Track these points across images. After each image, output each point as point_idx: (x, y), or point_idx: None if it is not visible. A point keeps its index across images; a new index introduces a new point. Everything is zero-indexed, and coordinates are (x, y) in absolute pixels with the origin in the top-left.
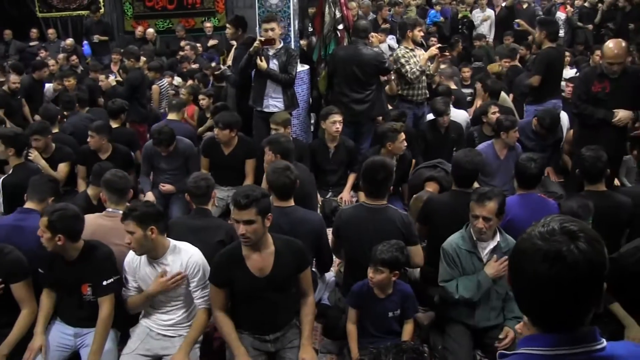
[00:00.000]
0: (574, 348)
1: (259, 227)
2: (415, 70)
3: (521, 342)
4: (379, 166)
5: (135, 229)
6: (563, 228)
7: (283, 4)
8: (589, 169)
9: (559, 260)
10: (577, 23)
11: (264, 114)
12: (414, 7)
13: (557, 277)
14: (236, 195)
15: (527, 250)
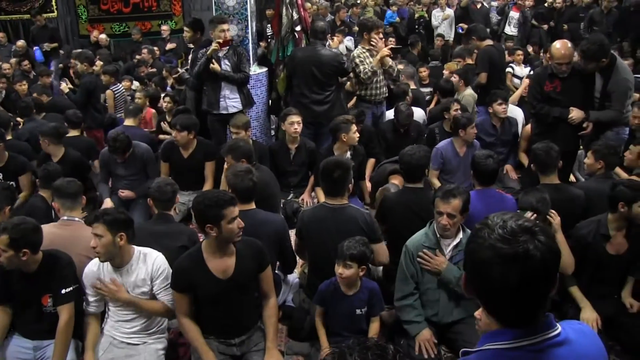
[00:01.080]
0: (534, 338)
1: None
2: (368, 70)
3: (484, 339)
4: (335, 165)
5: (104, 233)
6: (521, 226)
7: (240, 6)
8: (543, 160)
9: (529, 260)
10: (533, 22)
11: (221, 116)
12: (372, 8)
13: (527, 277)
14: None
15: (492, 257)
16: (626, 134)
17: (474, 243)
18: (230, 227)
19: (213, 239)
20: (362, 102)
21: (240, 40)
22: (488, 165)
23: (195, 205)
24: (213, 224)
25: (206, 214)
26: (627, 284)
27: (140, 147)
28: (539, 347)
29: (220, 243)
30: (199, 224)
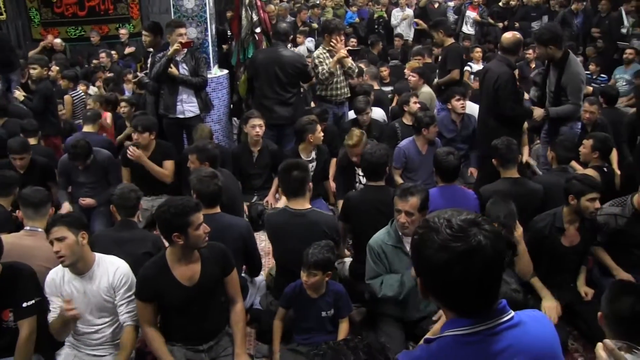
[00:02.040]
0: (490, 322)
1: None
2: (326, 71)
3: (443, 327)
4: (293, 165)
5: (66, 234)
6: (466, 221)
7: (199, 9)
8: (504, 154)
9: (482, 250)
10: (489, 20)
11: (178, 121)
12: (330, 8)
13: (485, 267)
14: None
15: (449, 258)
16: (579, 128)
17: (423, 250)
18: (197, 234)
19: (179, 246)
20: (323, 102)
21: (199, 42)
22: (450, 162)
23: (161, 215)
24: (180, 232)
25: (172, 222)
26: (581, 273)
27: (101, 153)
28: (494, 330)
29: (185, 250)
30: (165, 233)
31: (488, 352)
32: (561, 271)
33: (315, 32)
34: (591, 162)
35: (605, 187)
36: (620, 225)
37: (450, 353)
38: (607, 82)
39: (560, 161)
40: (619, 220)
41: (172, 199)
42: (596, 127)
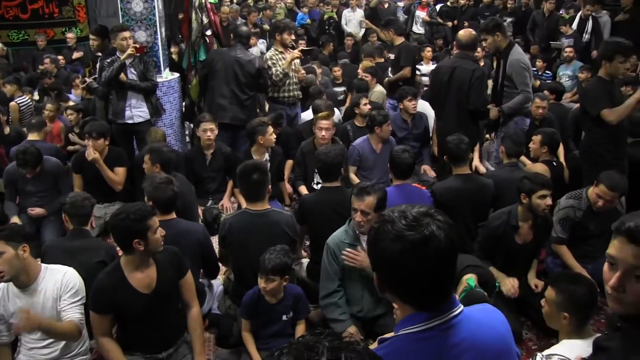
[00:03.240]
0: (443, 317)
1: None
2: (279, 73)
3: (399, 325)
4: (252, 168)
5: (4, 248)
6: (420, 212)
7: (148, 12)
8: (455, 152)
9: (436, 239)
10: (438, 19)
11: (127, 126)
12: (282, 10)
13: (439, 256)
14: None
15: (403, 248)
16: (526, 124)
17: (379, 242)
18: (155, 237)
19: (138, 253)
20: (276, 104)
21: (149, 46)
22: (404, 159)
23: (119, 223)
24: (141, 238)
25: (133, 228)
26: (532, 267)
27: (50, 161)
28: (448, 325)
29: (144, 257)
30: (124, 240)
31: (443, 347)
32: (515, 267)
33: (267, 34)
34: (541, 157)
35: (555, 180)
36: (577, 217)
37: (406, 351)
38: (553, 78)
39: (510, 155)
40: (577, 212)
41: (126, 205)
42: (544, 122)
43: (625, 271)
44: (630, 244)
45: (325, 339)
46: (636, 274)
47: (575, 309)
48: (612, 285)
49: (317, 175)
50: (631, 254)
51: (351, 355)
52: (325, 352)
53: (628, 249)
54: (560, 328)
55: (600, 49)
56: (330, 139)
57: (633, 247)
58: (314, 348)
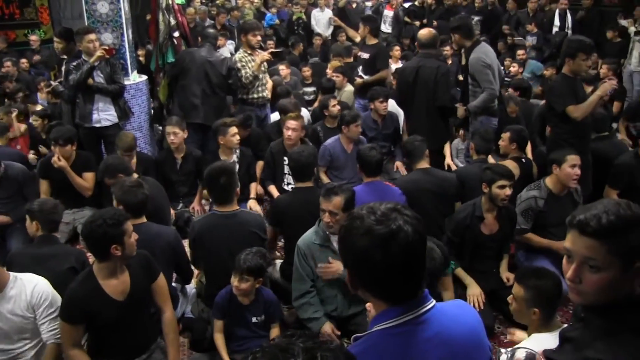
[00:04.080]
0: (416, 312)
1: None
2: (249, 75)
3: (372, 322)
4: (220, 171)
5: None
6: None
7: (114, 13)
8: (411, 151)
9: (403, 232)
10: (406, 19)
11: (94, 130)
12: (250, 11)
13: (407, 250)
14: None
15: (371, 242)
16: (492, 123)
17: (349, 237)
18: (131, 242)
19: (114, 259)
20: (245, 105)
21: (116, 48)
22: (372, 156)
23: (95, 229)
24: (118, 243)
25: (110, 234)
26: (503, 260)
27: (14, 167)
28: (420, 319)
29: (119, 262)
30: (101, 247)
31: (417, 341)
32: (484, 258)
33: (236, 35)
34: (510, 154)
35: (525, 176)
36: (540, 206)
37: (380, 347)
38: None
39: (479, 152)
40: (538, 202)
41: (100, 211)
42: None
43: (580, 263)
44: (582, 236)
45: (298, 339)
46: (590, 264)
47: (544, 304)
48: (569, 277)
49: (287, 176)
50: (583, 246)
51: (326, 354)
52: (300, 353)
53: (580, 241)
54: (530, 323)
55: (564, 47)
56: (297, 139)
57: (585, 239)
58: (289, 350)
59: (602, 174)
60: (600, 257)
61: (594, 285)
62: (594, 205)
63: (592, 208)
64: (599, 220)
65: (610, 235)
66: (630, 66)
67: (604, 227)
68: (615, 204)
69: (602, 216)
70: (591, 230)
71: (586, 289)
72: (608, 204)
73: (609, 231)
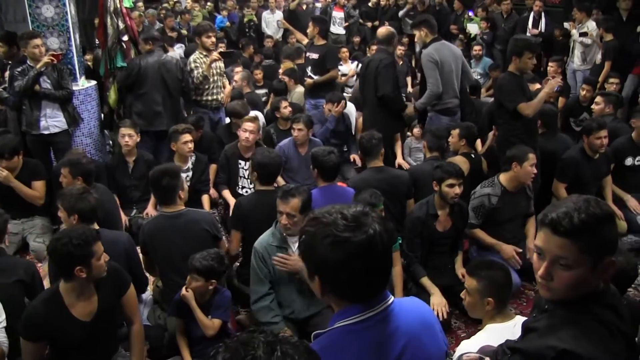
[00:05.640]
0: (377, 308)
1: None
2: (199, 75)
3: (334, 318)
4: (162, 172)
5: None
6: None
7: (60, 17)
8: (366, 146)
9: (378, 236)
10: (359, 20)
11: (42, 137)
12: (200, 13)
13: (382, 252)
14: None
15: (352, 251)
16: (441, 121)
17: (319, 246)
18: (99, 264)
19: (79, 281)
20: (199, 108)
21: (63, 53)
22: (330, 160)
23: (61, 248)
24: (83, 265)
25: (75, 254)
26: (457, 256)
27: None
28: (381, 315)
29: (84, 284)
30: (64, 267)
31: (380, 336)
32: (439, 254)
33: (186, 38)
34: (460, 150)
35: (475, 172)
36: (493, 203)
37: (343, 343)
38: None
39: (431, 149)
40: (492, 199)
41: (68, 229)
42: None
43: (552, 261)
44: (554, 235)
45: (260, 334)
46: (561, 262)
47: (498, 292)
48: (541, 274)
49: (242, 180)
50: (556, 245)
51: (286, 347)
52: (260, 346)
53: (552, 240)
54: (484, 315)
55: (510, 46)
56: (254, 142)
57: (556, 238)
58: (250, 343)
59: (548, 168)
60: (572, 256)
61: (565, 282)
62: (564, 202)
63: (562, 206)
64: (570, 220)
65: (581, 234)
66: (573, 64)
67: (576, 227)
68: (585, 201)
69: (573, 215)
70: (563, 230)
71: (557, 285)
72: (578, 201)
73: (581, 229)
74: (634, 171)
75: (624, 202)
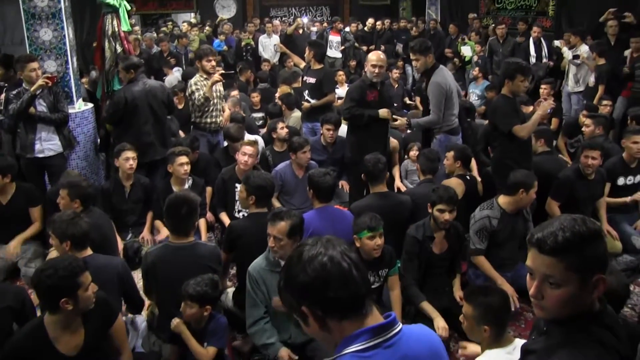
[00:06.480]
0: (383, 335)
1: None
2: (201, 97)
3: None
4: (182, 200)
5: None
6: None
7: (57, 40)
8: (372, 171)
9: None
10: (354, 45)
11: (37, 160)
12: (197, 37)
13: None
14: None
15: (321, 263)
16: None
17: (296, 276)
18: (87, 295)
19: (65, 313)
20: (197, 130)
21: (60, 76)
22: (326, 182)
23: (45, 280)
24: (69, 297)
25: (61, 286)
26: (455, 279)
27: None
28: (389, 342)
29: (70, 317)
30: (50, 299)
31: None
32: (436, 277)
33: (183, 62)
34: (455, 172)
35: (470, 193)
36: (494, 225)
37: None
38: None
39: (425, 172)
40: (492, 221)
41: (54, 260)
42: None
43: (541, 280)
44: (541, 254)
45: None
46: (550, 281)
47: (494, 320)
48: (532, 294)
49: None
50: (543, 264)
51: None
52: None
53: (540, 259)
54: (482, 340)
55: (502, 69)
56: (252, 165)
57: (544, 257)
58: None
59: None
60: (559, 274)
61: (555, 301)
62: (551, 222)
63: (549, 226)
64: (555, 238)
65: (566, 252)
66: (567, 87)
67: (560, 245)
68: (571, 220)
69: (558, 234)
70: (549, 248)
71: (548, 304)
72: (564, 220)
73: (566, 248)
74: (626, 190)
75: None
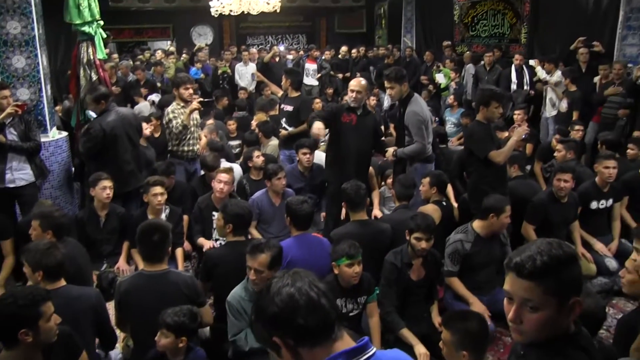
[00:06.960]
0: (359, 357)
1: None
2: (179, 125)
3: None
4: (154, 228)
5: None
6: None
7: (31, 68)
8: (353, 198)
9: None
10: (330, 72)
11: (8, 190)
12: (173, 65)
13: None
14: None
15: (289, 294)
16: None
17: (266, 309)
18: (49, 326)
19: (23, 347)
20: (175, 158)
21: (34, 104)
22: (303, 209)
23: (2, 309)
24: (29, 328)
25: (20, 316)
26: (434, 305)
27: None
28: None
29: (29, 352)
30: (7, 331)
31: None
32: (414, 303)
33: (160, 90)
34: (431, 198)
35: (446, 219)
36: (466, 249)
37: None
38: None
39: (400, 198)
40: (465, 245)
41: (15, 289)
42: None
43: (520, 304)
44: (519, 278)
45: None
46: (528, 305)
47: (472, 345)
48: (510, 318)
49: (215, 232)
50: (521, 288)
51: None
52: None
53: (518, 284)
54: None
55: (477, 96)
56: (228, 193)
57: (522, 281)
58: None
59: (518, 211)
60: (537, 298)
61: (534, 324)
62: (528, 246)
63: (526, 250)
64: (533, 262)
65: (545, 276)
66: (545, 112)
67: (538, 269)
68: (547, 244)
69: (536, 258)
70: (527, 272)
71: (527, 328)
72: (541, 244)
73: (544, 272)
74: (599, 214)
75: (591, 245)
